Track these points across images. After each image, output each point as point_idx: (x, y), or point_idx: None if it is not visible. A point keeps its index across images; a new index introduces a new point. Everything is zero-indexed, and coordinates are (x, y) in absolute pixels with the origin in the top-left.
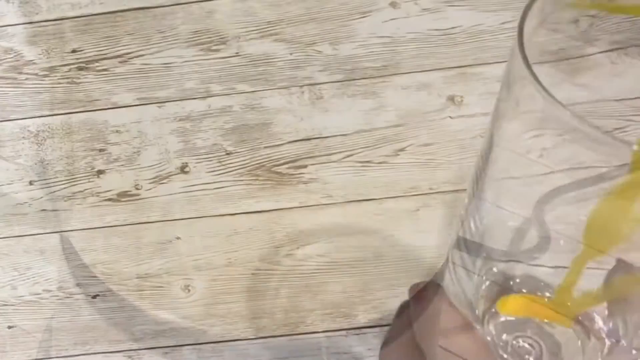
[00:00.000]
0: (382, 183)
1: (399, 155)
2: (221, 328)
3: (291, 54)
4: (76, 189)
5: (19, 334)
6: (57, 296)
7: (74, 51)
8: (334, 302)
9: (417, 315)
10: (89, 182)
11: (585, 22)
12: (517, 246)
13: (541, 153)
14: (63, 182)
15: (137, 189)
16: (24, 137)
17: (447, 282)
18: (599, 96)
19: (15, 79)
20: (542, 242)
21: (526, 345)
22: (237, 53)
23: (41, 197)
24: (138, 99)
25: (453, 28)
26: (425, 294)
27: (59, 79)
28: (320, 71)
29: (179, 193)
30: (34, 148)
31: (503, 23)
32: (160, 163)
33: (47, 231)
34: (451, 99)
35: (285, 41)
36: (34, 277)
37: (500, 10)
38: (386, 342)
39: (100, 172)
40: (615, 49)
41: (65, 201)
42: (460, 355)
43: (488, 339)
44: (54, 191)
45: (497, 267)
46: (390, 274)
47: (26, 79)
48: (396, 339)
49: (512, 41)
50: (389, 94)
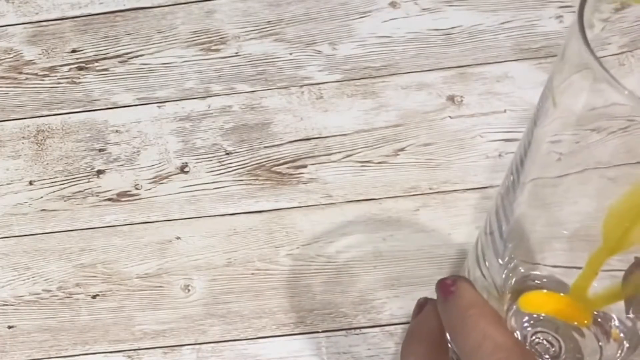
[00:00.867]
0: (381, 183)
1: (398, 155)
2: (221, 328)
3: (291, 54)
4: (76, 188)
5: (19, 334)
6: (57, 296)
7: (73, 51)
8: (334, 302)
9: (447, 310)
10: (89, 182)
11: (599, 26)
12: (541, 247)
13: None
14: (63, 182)
15: (136, 189)
16: (23, 137)
17: (476, 276)
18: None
19: (15, 78)
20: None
21: (545, 343)
22: (236, 53)
23: (41, 197)
24: (138, 98)
25: (453, 28)
26: (454, 288)
27: (58, 78)
28: (320, 71)
29: (179, 193)
30: (33, 148)
31: (503, 23)
32: (160, 163)
33: (47, 231)
34: (451, 99)
35: (285, 41)
36: (33, 277)
37: (500, 10)
38: (409, 337)
39: (100, 172)
40: (625, 52)
41: (65, 201)
42: (496, 349)
43: None
44: (54, 191)
45: (524, 267)
46: (389, 274)
47: (26, 78)
48: (419, 334)
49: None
50: (389, 94)
